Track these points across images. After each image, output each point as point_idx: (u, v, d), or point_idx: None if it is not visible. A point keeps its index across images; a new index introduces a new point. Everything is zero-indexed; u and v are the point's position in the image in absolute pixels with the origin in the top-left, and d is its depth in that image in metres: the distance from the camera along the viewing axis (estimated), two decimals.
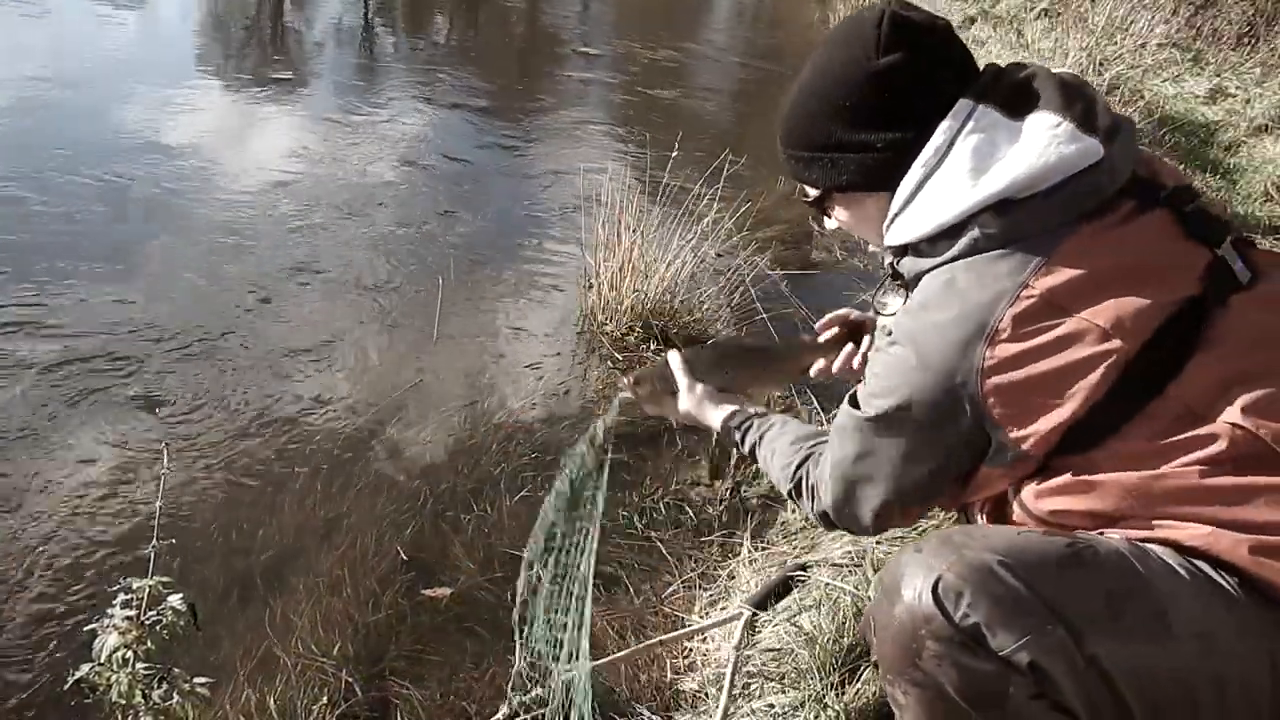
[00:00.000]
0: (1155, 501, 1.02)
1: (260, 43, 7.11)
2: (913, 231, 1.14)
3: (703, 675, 1.94)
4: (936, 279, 1.11)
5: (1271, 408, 0.99)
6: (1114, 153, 1.06)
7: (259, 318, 3.30)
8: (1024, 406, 1.04)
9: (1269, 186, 4.77)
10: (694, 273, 3.45)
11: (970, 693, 0.98)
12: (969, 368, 1.04)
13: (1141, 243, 1.06)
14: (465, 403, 3.01)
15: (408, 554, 2.35)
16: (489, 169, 5.00)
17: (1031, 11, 8.49)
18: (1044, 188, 1.04)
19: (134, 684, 1.31)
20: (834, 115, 1.19)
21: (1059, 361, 1.01)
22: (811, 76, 1.23)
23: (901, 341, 1.12)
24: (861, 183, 1.21)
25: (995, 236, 1.06)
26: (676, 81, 7.42)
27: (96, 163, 4.30)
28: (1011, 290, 1.03)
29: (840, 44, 1.20)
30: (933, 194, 1.11)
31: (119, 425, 2.68)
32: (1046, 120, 1.07)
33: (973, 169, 1.08)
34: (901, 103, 1.15)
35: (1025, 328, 1.02)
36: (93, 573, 2.19)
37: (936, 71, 1.15)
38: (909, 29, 1.14)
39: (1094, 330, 1.00)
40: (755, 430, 1.49)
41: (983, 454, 1.10)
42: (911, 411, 1.10)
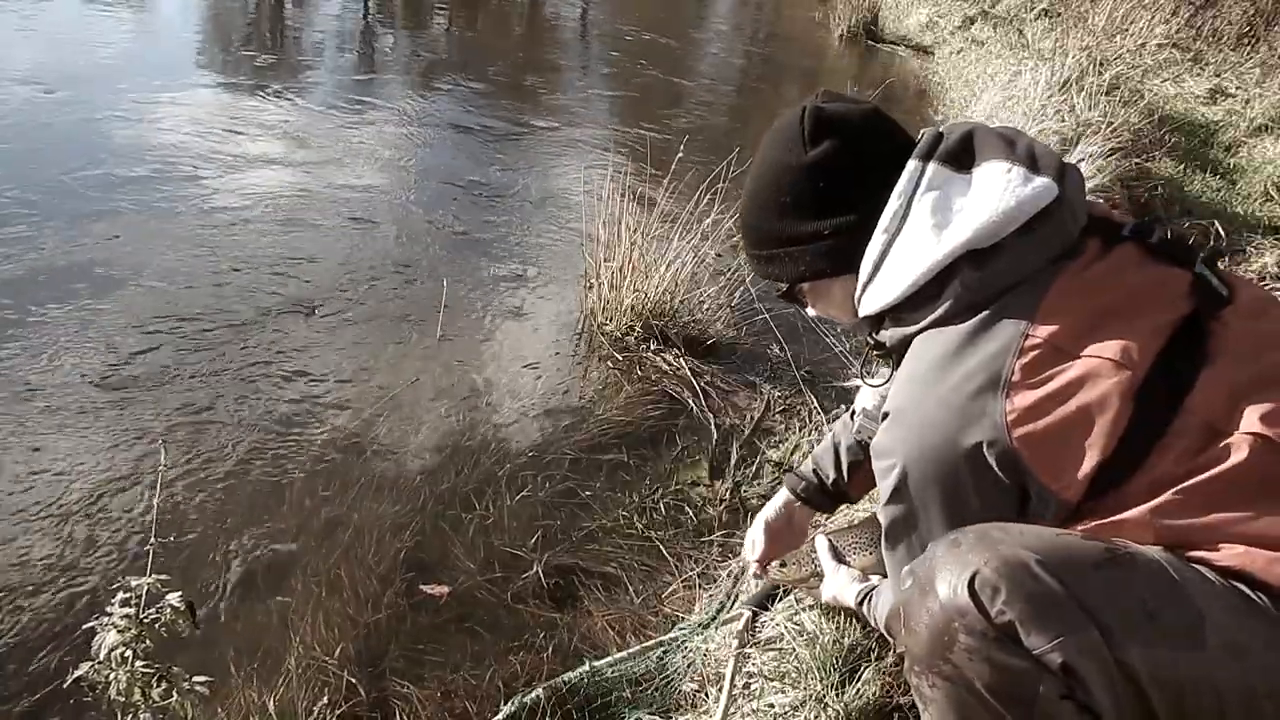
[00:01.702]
0: (1189, 528, 1.02)
1: (260, 43, 7.11)
2: (885, 297, 1.16)
3: (703, 675, 1.94)
4: (929, 343, 1.11)
5: None
6: (1068, 192, 1.09)
7: (258, 317, 3.30)
8: (1055, 453, 1.03)
9: (1269, 186, 4.75)
10: (694, 273, 3.45)
11: (1000, 689, 0.98)
12: (991, 424, 1.03)
13: (1123, 274, 1.08)
14: (466, 402, 3.01)
15: (408, 554, 2.35)
16: (489, 169, 5.00)
17: (1031, 11, 8.49)
18: (1010, 232, 1.07)
19: (133, 682, 1.31)
20: (779, 212, 1.24)
21: (1079, 402, 1.02)
22: (753, 181, 1.28)
23: (905, 412, 1.11)
24: (822, 269, 1.24)
25: (977, 290, 1.08)
26: (678, 81, 7.43)
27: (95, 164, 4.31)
28: (1014, 342, 1.04)
29: (772, 146, 1.26)
30: (899, 257, 1.13)
31: (118, 425, 2.68)
32: (996, 168, 1.09)
33: (935, 225, 1.10)
34: (838, 188, 1.19)
35: (1036, 375, 1.03)
36: (92, 571, 2.19)
37: (867, 152, 1.19)
38: (831, 119, 1.19)
39: (1105, 365, 1.01)
40: (872, 599, 1.51)
41: (1022, 507, 1.09)
42: (927, 480, 1.10)
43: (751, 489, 2.72)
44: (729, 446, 2.90)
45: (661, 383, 3.19)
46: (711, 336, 3.43)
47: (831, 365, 3.33)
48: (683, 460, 2.85)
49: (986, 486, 1.07)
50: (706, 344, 3.41)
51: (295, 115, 5.38)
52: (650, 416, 3.02)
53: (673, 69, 7.79)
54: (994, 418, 1.03)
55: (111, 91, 5.26)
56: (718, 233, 3.43)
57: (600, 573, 2.33)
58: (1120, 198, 4.16)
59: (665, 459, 2.84)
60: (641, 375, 3.23)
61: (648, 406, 3.07)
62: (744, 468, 2.82)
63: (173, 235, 3.77)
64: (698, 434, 2.97)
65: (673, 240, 3.39)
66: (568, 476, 2.70)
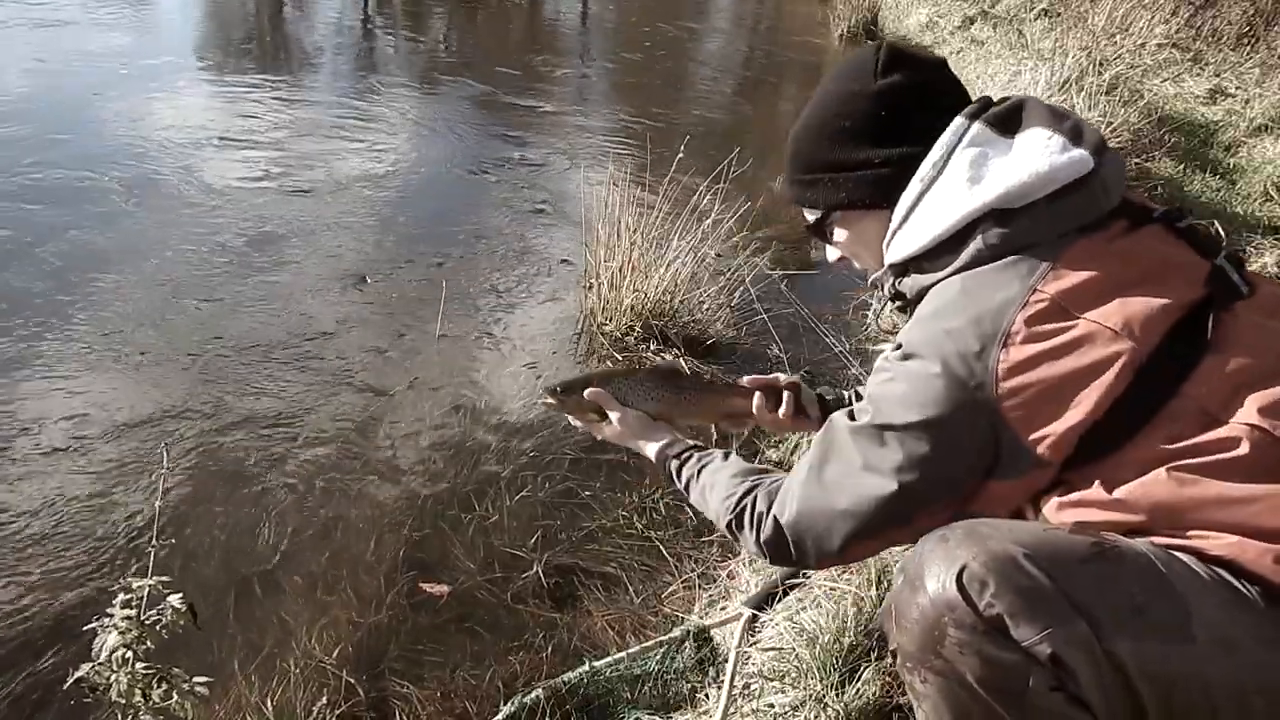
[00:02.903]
0: (1179, 510, 1.02)
1: (259, 43, 7.11)
2: (913, 244, 1.17)
3: (703, 675, 1.94)
4: (945, 289, 1.13)
5: None
6: (1104, 169, 1.10)
7: (258, 317, 3.30)
8: (1040, 409, 1.04)
9: (1269, 186, 4.76)
10: (694, 273, 3.45)
11: (990, 682, 0.98)
12: (984, 370, 1.05)
13: (1143, 251, 1.09)
14: (465, 403, 3.01)
15: (408, 554, 2.35)
16: (489, 169, 5.00)
17: (1031, 11, 8.49)
18: (1041, 196, 1.08)
19: (134, 683, 1.31)
20: (834, 137, 1.25)
21: (1072, 364, 1.03)
22: (814, 105, 1.29)
23: (914, 352, 1.11)
24: (861, 199, 1.25)
25: (998, 246, 1.09)
26: (678, 80, 7.43)
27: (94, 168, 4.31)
28: (1021, 294, 1.05)
29: (840, 73, 1.27)
30: (931, 206, 1.15)
31: (119, 425, 2.68)
32: (1039, 134, 1.11)
33: (969, 179, 1.11)
34: (898, 121, 1.20)
35: (1037, 329, 1.03)
36: (93, 572, 2.19)
37: (931, 94, 1.21)
38: (905, 55, 1.22)
39: (1104, 333, 1.02)
40: (695, 462, 1.48)
41: (989, 468, 1.10)
42: (925, 418, 1.10)
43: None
44: (728, 446, 2.89)
45: None
46: (711, 336, 3.43)
47: (831, 365, 3.32)
48: None
49: (965, 428, 1.08)
50: (706, 344, 3.40)
51: (293, 115, 5.38)
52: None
53: (672, 68, 7.79)
54: (988, 364, 1.05)
55: (110, 91, 5.25)
56: (718, 232, 3.43)
57: (600, 573, 2.33)
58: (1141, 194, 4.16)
59: None
60: None
61: None
62: None
63: (168, 237, 3.77)
64: (697, 434, 2.97)
65: (673, 240, 3.38)
66: (568, 476, 2.70)
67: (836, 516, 1.19)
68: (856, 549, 1.23)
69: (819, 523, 1.22)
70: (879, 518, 1.16)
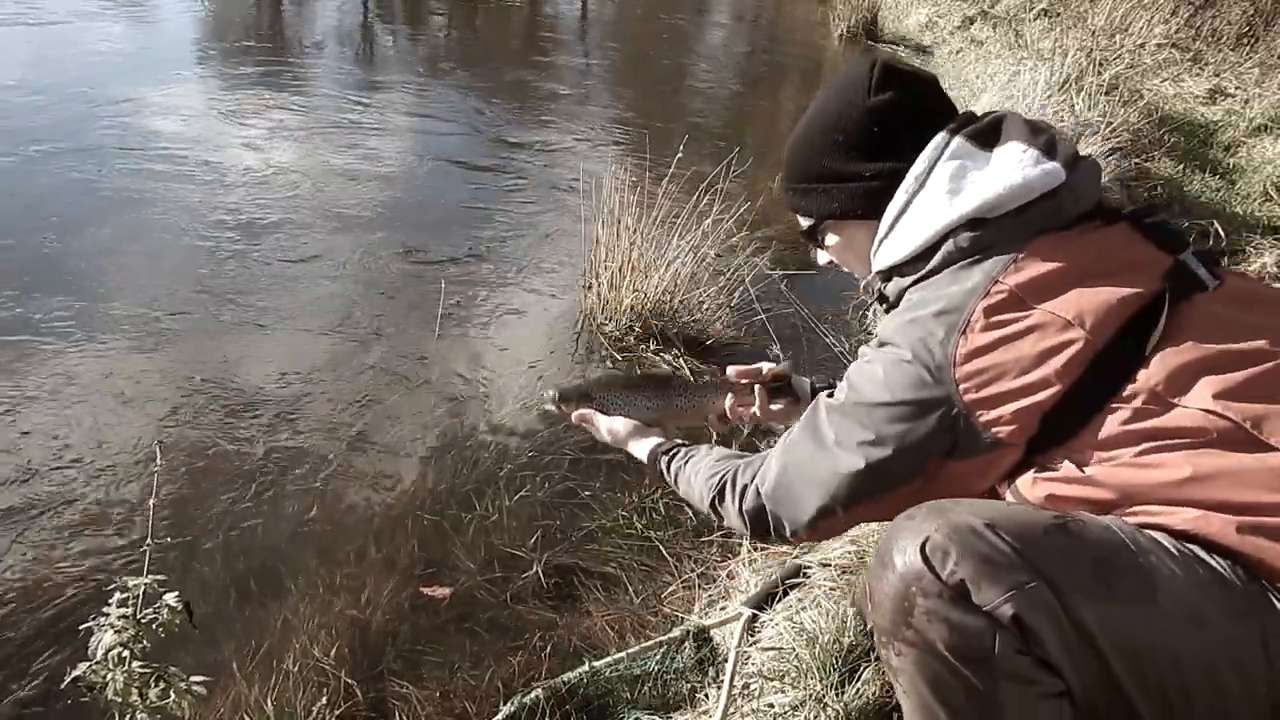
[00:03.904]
0: (1143, 489, 1.06)
1: (259, 43, 7.10)
2: (897, 253, 1.24)
3: (703, 675, 1.94)
4: (919, 290, 1.21)
5: (1239, 390, 1.04)
6: (1076, 179, 1.17)
7: (258, 317, 3.30)
8: (994, 390, 1.11)
9: (1268, 186, 4.76)
10: (694, 273, 3.45)
11: (959, 648, 1.00)
12: (944, 355, 1.12)
13: (1104, 246, 1.15)
14: (465, 403, 3.01)
15: (407, 553, 2.35)
16: (489, 169, 5.00)
17: (1031, 11, 8.49)
18: (1013, 207, 1.15)
19: (130, 682, 1.30)
20: (828, 149, 1.32)
21: (1025, 349, 1.09)
22: (810, 117, 1.36)
23: (889, 340, 1.19)
24: (852, 210, 1.32)
25: (967, 248, 1.17)
26: (677, 80, 7.43)
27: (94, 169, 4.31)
28: (983, 286, 1.12)
29: (836, 87, 1.35)
30: (914, 217, 1.22)
31: (117, 424, 2.68)
32: (1015, 148, 1.18)
33: (949, 191, 1.19)
34: (889, 136, 1.27)
35: (994, 318, 1.11)
36: (89, 572, 2.19)
37: (922, 111, 1.27)
38: (898, 73, 1.29)
39: (1057, 321, 1.08)
40: (681, 456, 1.57)
41: (949, 449, 1.16)
42: (894, 399, 1.17)
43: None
44: (728, 446, 2.88)
45: None
46: (711, 336, 3.42)
47: (831, 365, 3.32)
48: None
49: (924, 410, 1.15)
50: (706, 344, 3.40)
51: (291, 114, 5.38)
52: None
53: (672, 68, 7.79)
54: (948, 349, 1.12)
55: (108, 90, 5.25)
56: (717, 232, 3.42)
57: (600, 573, 2.33)
58: (1120, 197, 4.16)
59: None
60: None
61: None
62: None
63: (167, 236, 3.77)
64: (697, 434, 2.96)
65: (672, 240, 3.38)
66: (567, 476, 2.69)
67: (810, 488, 1.27)
68: (826, 523, 1.30)
69: (794, 492, 1.29)
70: (847, 492, 1.23)
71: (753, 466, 1.40)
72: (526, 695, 1.87)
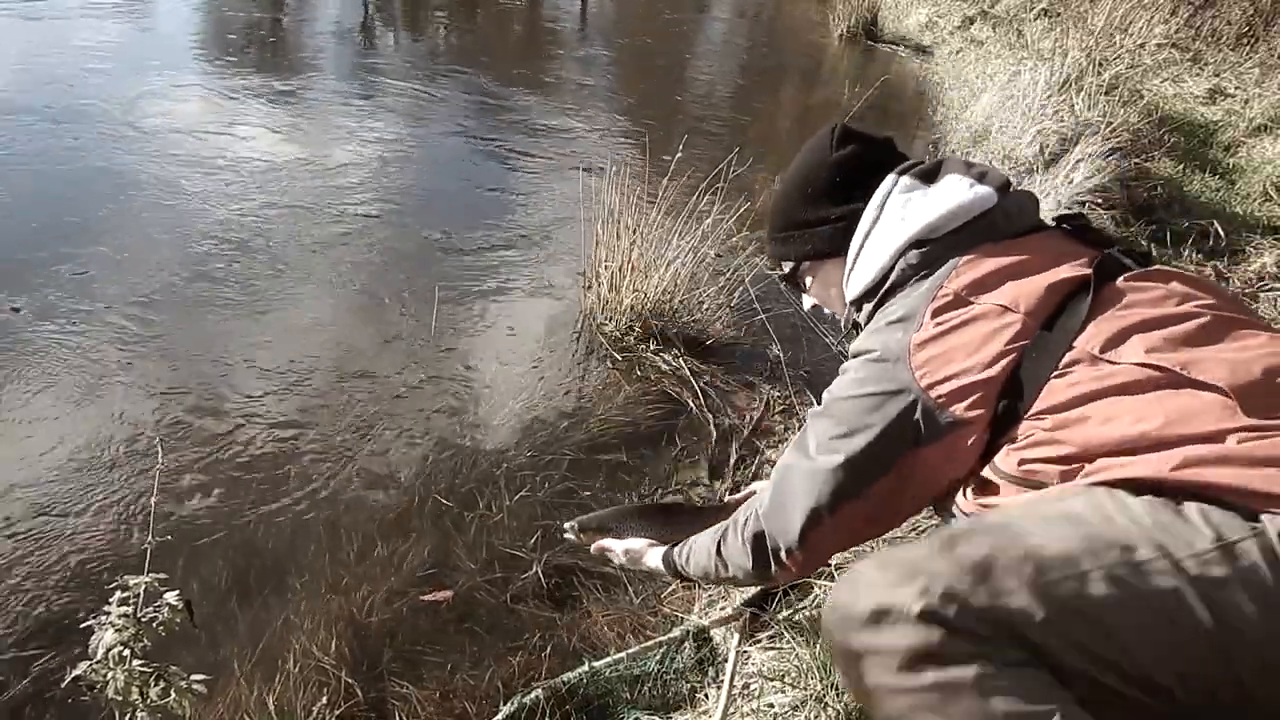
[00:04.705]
0: (1100, 443, 1.12)
1: (258, 43, 7.11)
2: (863, 280, 1.41)
3: (702, 675, 1.94)
4: (883, 307, 1.37)
5: (1167, 344, 1.15)
6: (1007, 201, 1.34)
7: (257, 317, 3.30)
8: (947, 373, 1.22)
9: (1268, 186, 4.75)
10: (694, 273, 3.45)
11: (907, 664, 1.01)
12: (901, 350, 1.26)
13: (1035, 247, 1.30)
14: (464, 403, 3.01)
15: (408, 554, 2.35)
16: (488, 168, 5.01)
17: (1031, 11, 8.49)
18: (953, 227, 1.32)
19: (131, 681, 1.31)
20: (801, 200, 1.53)
21: (970, 334, 1.22)
22: (785, 178, 1.57)
23: (861, 349, 1.34)
24: (824, 249, 1.51)
25: (917, 265, 1.33)
26: (677, 80, 7.43)
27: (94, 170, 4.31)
28: (931, 292, 1.28)
29: (804, 151, 1.55)
30: (871, 249, 1.40)
31: (117, 422, 2.68)
32: (953, 179, 1.37)
33: (899, 219, 1.37)
34: (850, 183, 1.46)
35: (940, 317, 1.25)
36: (90, 570, 2.19)
37: (878, 161, 1.46)
38: (856, 133, 1.51)
39: (994, 309, 1.23)
40: (686, 545, 1.69)
41: (917, 438, 1.25)
42: (864, 393, 1.30)
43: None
44: (728, 446, 2.89)
45: (661, 383, 3.19)
46: (711, 336, 3.43)
47: (831, 366, 3.32)
48: (682, 460, 2.85)
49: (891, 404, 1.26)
50: (706, 344, 3.40)
51: (291, 114, 5.38)
52: (649, 417, 3.02)
53: (672, 68, 7.80)
54: (904, 346, 1.26)
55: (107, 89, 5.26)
56: (717, 232, 3.43)
57: (600, 573, 2.33)
58: (1120, 197, 4.16)
59: (664, 459, 2.84)
60: (640, 375, 3.23)
61: (647, 406, 3.06)
62: (743, 468, 2.82)
63: (166, 235, 3.77)
64: (697, 434, 2.97)
65: (672, 240, 3.38)
66: (567, 477, 2.70)
67: (797, 497, 1.37)
68: (815, 534, 1.37)
69: (784, 504, 1.39)
70: (829, 491, 1.32)
71: (753, 502, 1.50)
72: (526, 695, 1.88)
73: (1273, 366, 1.11)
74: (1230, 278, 3.80)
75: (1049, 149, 4.71)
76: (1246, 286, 3.73)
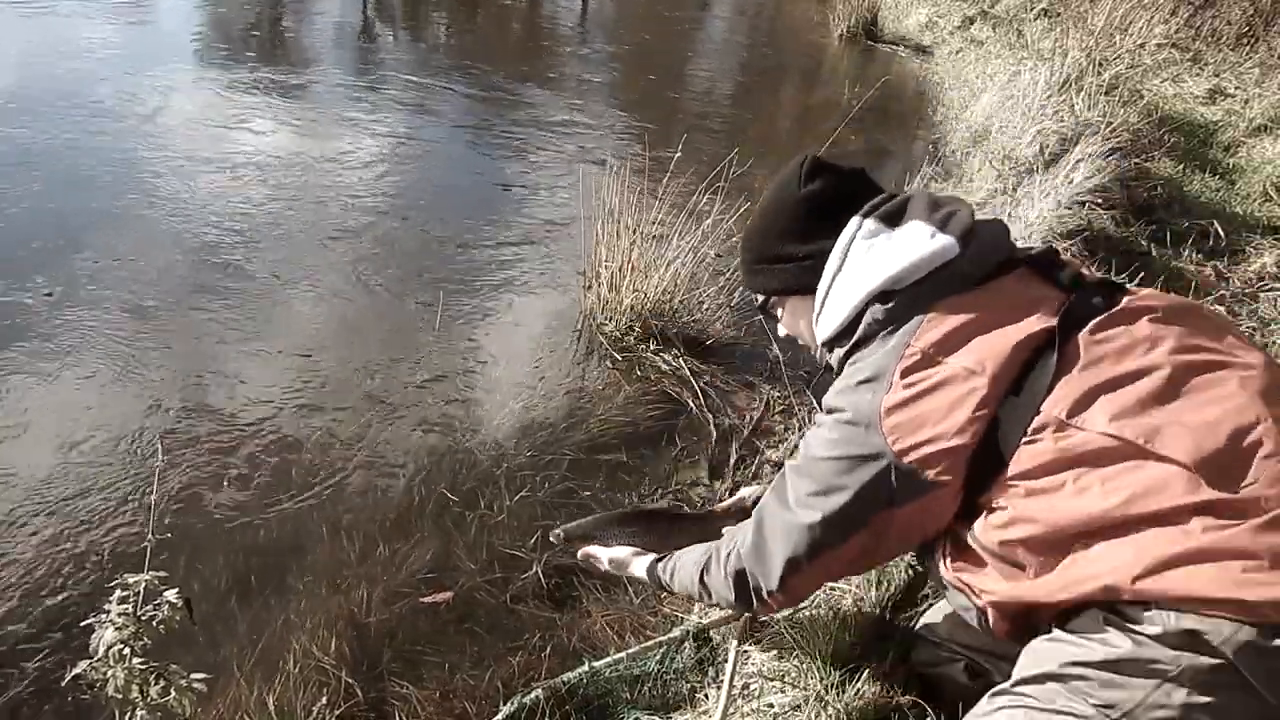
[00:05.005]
0: (1071, 522, 1.16)
1: (258, 43, 7.11)
2: (830, 326, 1.42)
3: (702, 675, 1.94)
4: (852, 361, 1.38)
5: (1132, 408, 1.16)
6: (972, 249, 1.32)
7: (258, 318, 3.30)
8: (918, 438, 1.25)
9: (1268, 186, 4.75)
10: (694, 273, 3.45)
11: None
12: (872, 413, 1.28)
13: (1001, 296, 1.30)
14: (464, 403, 3.01)
15: (408, 554, 2.35)
16: (487, 169, 5.01)
17: (1031, 11, 8.48)
18: (916, 279, 1.32)
19: (130, 679, 1.31)
20: (770, 235, 1.53)
21: (938, 400, 1.24)
22: (759, 208, 1.58)
23: (833, 406, 1.36)
24: (791, 287, 1.52)
25: (883, 320, 1.33)
26: (677, 80, 7.43)
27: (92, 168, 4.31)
28: (899, 350, 1.28)
29: (777, 183, 1.55)
30: (838, 293, 1.40)
31: (117, 421, 2.68)
32: (915, 227, 1.35)
33: (863, 269, 1.36)
34: (818, 221, 1.46)
35: (909, 378, 1.26)
36: (89, 568, 2.19)
37: (845, 197, 1.45)
38: (825, 166, 1.49)
39: (961, 372, 1.24)
40: (673, 558, 1.73)
41: (891, 499, 1.29)
42: (838, 454, 1.32)
43: (750, 489, 2.71)
44: (728, 446, 2.89)
45: (661, 383, 3.19)
46: (711, 336, 3.43)
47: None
48: (682, 460, 2.85)
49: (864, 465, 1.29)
50: (706, 344, 3.40)
51: (290, 114, 5.38)
52: (649, 416, 3.02)
53: (672, 68, 7.80)
54: (875, 408, 1.28)
55: (106, 88, 5.25)
56: (717, 232, 3.42)
57: (599, 573, 2.33)
58: (1120, 197, 4.16)
59: (664, 459, 2.84)
60: (641, 375, 3.23)
61: (647, 406, 3.06)
62: (743, 468, 2.82)
63: (166, 235, 3.77)
64: (697, 434, 2.97)
65: (672, 240, 3.38)
66: (567, 477, 2.69)
67: (777, 544, 1.43)
68: (794, 579, 1.44)
69: (765, 549, 1.45)
70: (806, 543, 1.38)
71: (735, 536, 1.55)
72: (526, 695, 1.88)
73: (1239, 428, 1.12)
74: (1230, 278, 3.80)
75: (1049, 149, 4.71)
76: (1246, 286, 3.73)
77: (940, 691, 1.62)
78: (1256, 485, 1.08)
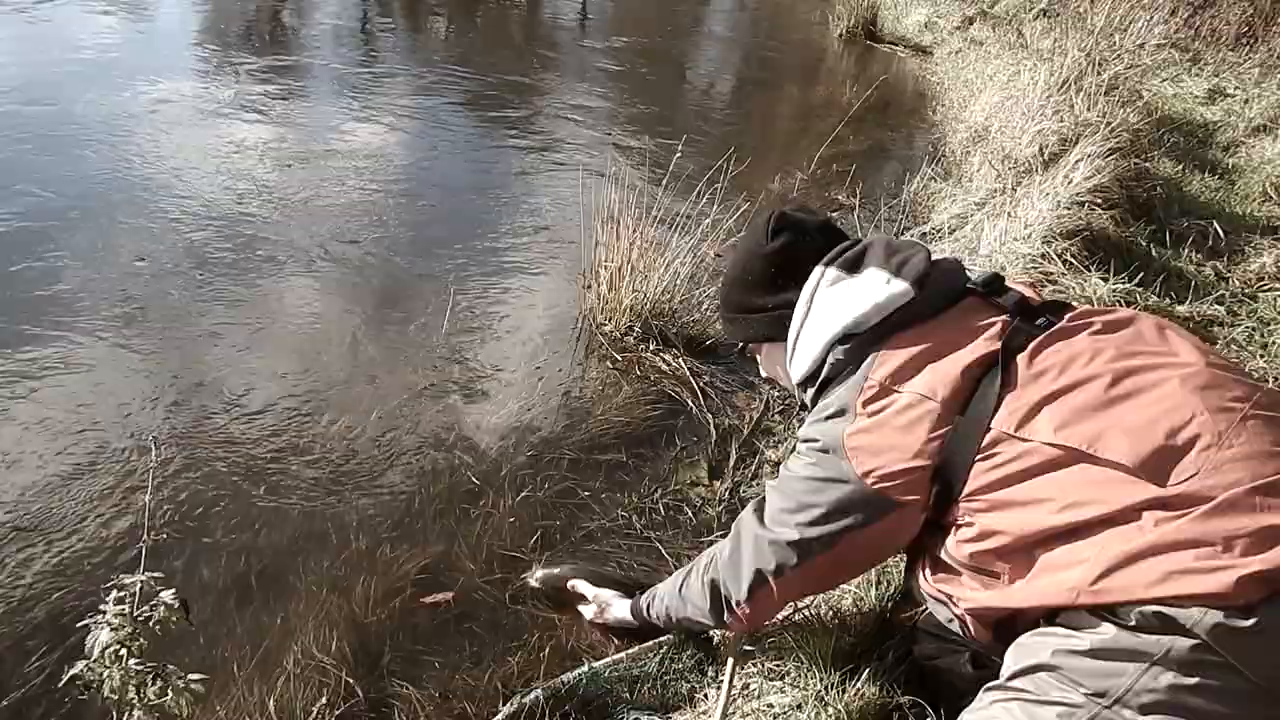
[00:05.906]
0: (1032, 532, 1.24)
1: (258, 42, 7.10)
2: (800, 369, 1.53)
3: (702, 675, 1.94)
4: (823, 398, 1.49)
5: (1074, 417, 1.24)
6: (927, 291, 1.42)
7: (256, 315, 3.30)
8: (879, 461, 1.36)
9: (1267, 186, 4.75)
10: (694, 272, 3.44)
11: None
12: (838, 443, 1.40)
13: (949, 326, 1.40)
14: (463, 403, 3.00)
15: (408, 554, 2.34)
16: (486, 169, 5.00)
17: (1030, 11, 8.49)
18: (875, 322, 1.43)
19: (127, 680, 1.30)
20: (741, 287, 1.65)
21: (894, 424, 1.35)
22: (730, 263, 1.72)
23: (807, 437, 1.48)
24: (765, 334, 1.65)
25: (844, 359, 1.45)
26: (677, 80, 7.44)
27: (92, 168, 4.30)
28: (859, 385, 1.40)
29: (747, 236, 1.68)
30: (804, 340, 1.52)
31: (112, 419, 2.67)
32: (873, 274, 1.46)
33: (826, 316, 1.48)
34: (784, 274, 1.57)
35: (871, 406, 1.38)
36: (86, 569, 2.18)
37: (810, 249, 1.55)
38: (790, 220, 1.59)
39: (915, 398, 1.34)
40: (652, 589, 1.92)
41: (862, 520, 1.41)
42: (809, 475, 1.46)
43: (750, 489, 2.71)
44: (728, 447, 2.89)
45: (660, 383, 3.18)
46: (711, 336, 3.42)
47: None
48: (682, 460, 2.84)
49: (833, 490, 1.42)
50: (706, 344, 3.40)
51: (290, 114, 5.37)
52: (649, 416, 3.02)
53: (671, 68, 7.80)
54: (839, 438, 1.40)
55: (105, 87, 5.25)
56: (717, 232, 3.42)
57: (599, 573, 2.32)
58: (1120, 197, 4.16)
59: (664, 459, 2.84)
60: (640, 375, 3.22)
61: (646, 406, 3.06)
62: (743, 468, 2.81)
63: (166, 234, 3.77)
64: (697, 434, 2.96)
65: (672, 240, 3.38)
66: (566, 477, 2.69)
67: (748, 556, 1.56)
68: (760, 592, 1.57)
69: (738, 560, 1.58)
70: (774, 558, 1.52)
71: (715, 547, 1.68)
72: (526, 695, 1.88)
73: (1176, 425, 1.19)
74: (1230, 277, 3.80)
75: (1048, 149, 4.71)
76: (1246, 286, 3.73)
77: (943, 684, 1.62)
78: (1198, 476, 1.15)
